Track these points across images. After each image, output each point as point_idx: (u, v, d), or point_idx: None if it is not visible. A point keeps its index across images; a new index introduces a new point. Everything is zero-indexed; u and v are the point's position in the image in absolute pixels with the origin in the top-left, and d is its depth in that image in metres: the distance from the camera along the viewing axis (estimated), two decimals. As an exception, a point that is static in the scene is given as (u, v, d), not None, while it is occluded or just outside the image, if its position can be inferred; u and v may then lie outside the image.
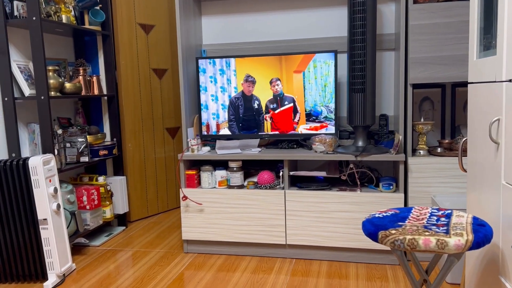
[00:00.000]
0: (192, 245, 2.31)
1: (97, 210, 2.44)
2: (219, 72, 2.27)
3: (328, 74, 2.18)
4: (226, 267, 2.10)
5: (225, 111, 2.30)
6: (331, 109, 2.19)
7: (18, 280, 2.00)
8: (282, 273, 2.01)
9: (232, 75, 2.26)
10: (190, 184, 2.25)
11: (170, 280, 1.98)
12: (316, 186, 2.12)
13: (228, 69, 2.26)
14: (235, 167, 2.19)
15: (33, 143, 2.23)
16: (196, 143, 2.26)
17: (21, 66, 2.18)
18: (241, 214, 2.18)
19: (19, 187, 1.93)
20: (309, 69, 2.19)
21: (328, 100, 2.19)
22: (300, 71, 2.21)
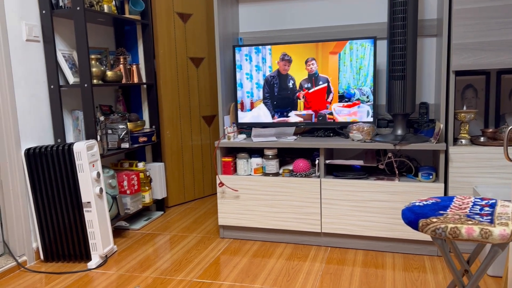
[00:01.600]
0: (228, 231, 2.35)
1: (137, 195, 2.52)
2: (254, 50, 2.28)
3: (364, 56, 2.15)
4: (262, 253, 2.13)
5: (259, 90, 2.31)
6: (364, 92, 2.17)
7: (64, 260, 2.11)
8: (317, 261, 2.02)
9: (268, 54, 2.27)
10: (226, 171, 2.29)
11: (207, 264, 2.03)
12: (353, 175, 2.10)
13: (263, 48, 2.27)
14: (271, 155, 2.20)
15: (77, 129, 2.32)
16: (232, 130, 2.29)
17: (65, 55, 2.27)
18: (276, 201, 2.19)
19: (64, 171, 2.01)
20: (345, 51, 2.17)
21: (361, 83, 2.16)
22: (336, 52, 2.18)
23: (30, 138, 2.10)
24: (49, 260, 2.12)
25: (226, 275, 1.90)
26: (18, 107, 2.03)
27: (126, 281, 1.88)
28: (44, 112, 2.18)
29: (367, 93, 2.16)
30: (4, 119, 1.97)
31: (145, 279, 1.89)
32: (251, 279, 1.85)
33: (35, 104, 2.13)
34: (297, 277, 1.86)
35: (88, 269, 2.01)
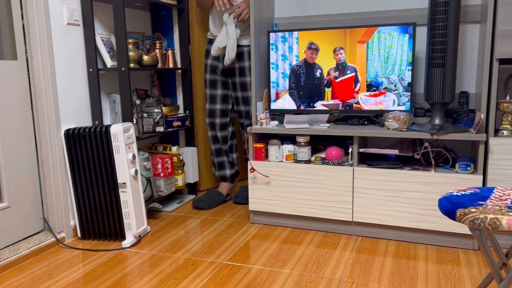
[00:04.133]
0: (258, 216, 2.36)
1: (170, 178, 2.57)
2: (280, 39, 2.26)
3: (392, 45, 2.10)
4: (291, 240, 2.13)
5: (285, 80, 2.29)
6: (392, 81, 2.12)
7: (100, 238, 2.18)
8: (348, 250, 2.00)
9: (294, 43, 2.24)
10: (257, 157, 2.29)
11: (237, 248, 2.05)
12: (387, 164, 2.06)
13: (290, 37, 2.24)
14: (303, 142, 2.19)
15: (114, 112, 2.37)
16: (265, 117, 2.29)
17: (104, 39, 2.32)
18: (307, 188, 2.19)
19: (101, 152, 2.07)
20: (373, 40, 2.12)
21: (389, 71, 2.11)
22: (364, 41, 2.14)
23: (69, 119, 2.17)
24: (86, 238, 2.20)
25: (255, 259, 1.92)
26: (58, 90, 2.10)
27: (158, 261, 1.93)
28: (82, 94, 2.24)
29: (395, 81, 2.11)
30: (46, 101, 2.04)
31: (177, 260, 1.93)
32: (280, 265, 1.86)
33: (74, 86, 2.19)
34: (327, 264, 1.86)
35: (123, 247, 2.08)
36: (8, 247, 1.98)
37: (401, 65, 2.11)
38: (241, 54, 2.48)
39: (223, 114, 2.65)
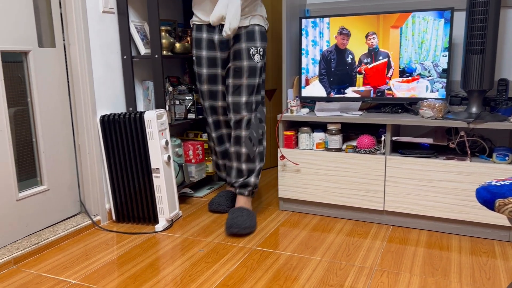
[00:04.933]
0: (288, 203, 2.37)
1: (201, 164, 2.61)
2: (311, 24, 2.23)
3: (426, 31, 2.04)
4: (321, 227, 2.14)
5: (315, 66, 2.27)
6: (426, 67, 2.06)
7: (134, 221, 2.24)
8: (378, 239, 1.99)
9: (325, 28, 2.21)
10: (287, 144, 2.29)
11: (267, 234, 2.07)
12: (421, 153, 2.03)
13: (321, 22, 2.21)
14: (334, 130, 2.17)
15: (147, 99, 2.42)
16: (295, 104, 2.28)
17: (137, 26, 2.35)
18: (338, 177, 2.17)
19: (135, 138, 2.12)
20: (407, 25, 2.07)
21: (423, 57, 2.06)
22: (398, 26, 2.09)
23: (105, 105, 2.22)
24: (120, 221, 2.26)
25: (285, 246, 1.93)
26: (94, 76, 2.15)
27: (190, 245, 1.97)
28: (117, 81, 2.29)
29: (429, 67, 2.06)
30: (82, 87, 2.10)
31: (208, 244, 1.97)
32: (310, 251, 1.87)
33: (109, 73, 2.24)
34: (357, 252, 1.85)
35: (156, 231, 2.13)
36: (48, 228, 2.07)
37: (436, 51, 2.05)
38: (238, 36, 2.12)
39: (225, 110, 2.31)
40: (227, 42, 2.15)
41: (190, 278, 1.67)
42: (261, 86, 2.20)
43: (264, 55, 2.16)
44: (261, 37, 2.13)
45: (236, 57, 2.11)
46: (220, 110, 2.29)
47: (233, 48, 2.13)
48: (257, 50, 2.11)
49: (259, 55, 2.12)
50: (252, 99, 2.14)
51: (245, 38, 2.11)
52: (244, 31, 2.11)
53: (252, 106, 2.14)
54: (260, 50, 2.12)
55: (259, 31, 2.13)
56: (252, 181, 2.21)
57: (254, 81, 2.13)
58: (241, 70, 2.11)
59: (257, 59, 2.11)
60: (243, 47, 2.10)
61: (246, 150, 2.15)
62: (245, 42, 2.11)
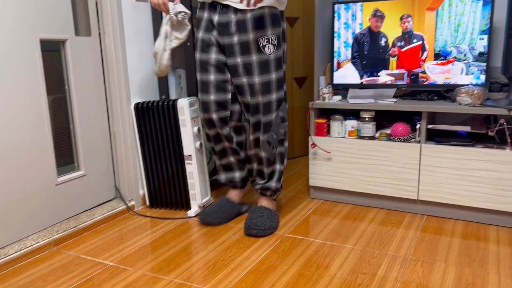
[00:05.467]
0: (318, 192, 2.36)
1: (231, 152, 2.63)
2: (343, 6, 2.19)
3: (463, 13, 1.96)
4: (353, 216, 2.12)
5: (347, 49, 2.23)
6: (462, 50, 1.99)
7: (167, 207, 2.29)
8: (412, 228, 1.96)
9: (358, 10, 2.16)
10: (319, 132, 2.27)
11: (298, 221, 2.07)
12: (458, 142, 1.97)
13: (354, 4, 2.17)
14: (367, 118, 2.14)
15: (179, 86, 2.44)
16: (327, 91, 2.25)
17: (170, 15, 2.37)
18: (370, 165, 2.14)
19: (169, 125, 2.15)
20: (443, 7, 2.00)
21: (459, 40, 1.99)
22: (434, 8, 2.02)
23: (138, 93, 2.26)
24: (154, 206, 2.31)
25: (317, 233, 1.93)
26: (128, 64, 2.19)
27: (222, 230, 1.99)
28: (150, 69, 2.32)
29: (465, 51, 1.99)
30: (117, 75, 2.14)
31: (240, 230, 1.99)
32: (342, 239, 1.86)
33: (143, 61, 2.27)
34: (390, 242, 1.83)
35: (188, 217, 2.17)
36: (85, 212, 2.14)
37: (473, 34, 1.98)
38: (243, 23, 1.78)
39: (221, 107, 1.95)
40: (228, 26, 1.82)
41: (223, 263, 1.69)
42: (282, 80, 1.91)
43: (280, 42, 1.85)
44: (273, 22, 1.80)
45: (244, 50, 1.80)
46: (212, 106, 1.93)
47: (239, 38, 1.80)
48: (269, 40, 1.80)
49: (272, 45, 1.80)
50: (271, 98, 1.87)
51: (252, 26, 1.77)
52: (250, 16, 1.76)
53: (272, 106, 1.88)
54: (273, 38, 1.81)
55: (269, 14, 1.78)
56: (273, 186, 2.02)
57: (269, 77, 1.83)
58: (251, 67, 1.81)
59: (268, 51, 1.80)
60: (250, 38, 1.78)
61: (266, 154, 1.95)
62: (252, 32, 1.78)
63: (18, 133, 1.79)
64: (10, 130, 1.76)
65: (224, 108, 1.95)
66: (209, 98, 1.93)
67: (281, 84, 1.90)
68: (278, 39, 1.83)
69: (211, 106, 1.93)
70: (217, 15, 1.84)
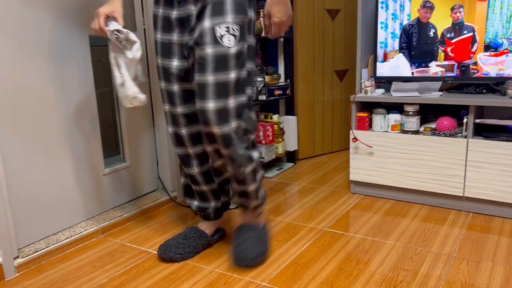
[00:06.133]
0: (359, 187, 2.33)
1: (271, 145, 2.64)
2: None
3: None
4: (394, 212, 2.08)
5: (394, 40, 2.17)
6: None
7: (207, 198, 2.33)
8: (457, 226, 1.90)
9: (407, 1, 2.10)
10: (360, 126, 2.24)
11: (337, 216, 2.06)
12: (507, 137, 1.88)
13: None
14: (411, 111, 2.08)
15: (220, 80, 2.47)
16: (370, 84, 2.21)
17: (212, 9, 2.40)
18: (414, 160, 2.09)
19: (210, 118, 2.19)
20: None
21: (511, 32, 1.89)
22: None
23: (181, 87, 2.31)
24: (195, 198, 2.36)
25: (357, 229, 1.91)
26: (171, 59, 2.23)
27: (261, 223, 2.01)
28: (192, 63, 2.36)
29: None
30: (161, 69, 2.19)
31: (279, 223, 2.00)
32: (383, 235, 1.83)
33: (185, 56, 2.31)
34: (434, 239, 1.78)
35: (229, 208, 2.20)
36: (130, 202, 2.22)
37: (527, 26, 1.88)
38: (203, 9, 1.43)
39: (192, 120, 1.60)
40: (189, 21, 1.47)
41: (262, 255, 1.71)
42: (245, 82, 1.47)
43: (245, 34, 1.45)
44: (236, 8, 1.42)
45: (198, 42, 1.42)
46: (181, 119, 1.59)
47: (197, 29, 1.44)
48: (228, 29, 1.40)
49: (232, 36, 1.41)
50: (227, 104, 1.43)
51: (209, 12, 1.41)
52: (210, 1, 1.42)
53: (228, 114, 1.43)
54: (235, 28, 1.41)
55: None
56: (251, 204, 1.66)
57: (226, 77, 1.41)
58: (205, 62, 1.41)
59: (228, 43, 1.40)
60: (205, 26, 1.40)
61: (231, 174, 1.57)
62: (209, 18, 1.40)
63: (70, 125, 1.88)
64: (63, 122, 1.84)
65: (195, 122, 1.59)
66: (176, 110, 1.57)
67: (242, 87, 1.46)
68: (242, 29, 1.43)
69: (179, 119, 1.58)
70: (175, 10, 1.48)
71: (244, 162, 1.51)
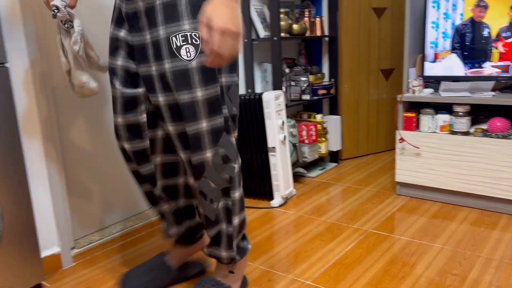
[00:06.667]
0: (405, 188, 2.29)
1: (314, 145, 2.64)
2: None
3: None
4: (442, 215, 2.03)
5: (445, 40, 2.11)
6: None
7: (251, 196, 2.37)
8: (509, 231, 1.82)
9: (460, 0, 2.03)
10: (407, 127, 2.20)
11: (382, 218, 2.03)
12: None
13: None
14: (462, 112, 2.02)
15: (265, 80, 2.50)
16: (418, 84, 2.16)
17: (257, 10, 2.43)
18: (463, 162, 2.03)
19: (254, 117, 2.22)
20: None
21: None
22: None
23: (227, 87, 2.36)
24: (238, 196, 2.41)
25: (403, 231, 1.88)
26: (218, 59, 2.29)
27: (304, 222, 2.02)
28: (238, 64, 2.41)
29: None
30: (208, 70, 2.25)
31: (322, 223, 2.00)
32: (430, 238, 1.79)
33: (231, 56, 2.36)
34: (484, 244, 1.73)
35: (271, 207, 2.23)
36: (177, 198, 2.29)
37: None
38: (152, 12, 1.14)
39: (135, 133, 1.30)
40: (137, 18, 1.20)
41: (306, 253, 1.72)
42: (217, 100, 1.17)
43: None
44: (194, 10, 1.12)
45: (157, 55, 1.16)
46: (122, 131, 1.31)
47: (151, 36, 1.17)
48: (187, 38, 1.12)
49: (193, 46, 1.12)
50: (199, 129, 1.16)
51: (162, 17, 1.13)
52: (159, 1, 1.13)
53: (201, 140, 1.17)
54: (195, 36, 1.12)
55: None
56: (223, 254, 1.32)
57: (191, 96, 1.14)
58: (166, 79, 1.15)
59: (187, 55, 1.12)
60: (160, 35, 1.14)
61: (202, 210, 1.27)
62: (162, 26, 1.13)
63: (121, 123, 1.97)
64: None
65: (138, 136, 1.29)
66: (117, 120, 1.30)
67: (216, 106, 1.17)
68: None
69: (120, 131, 1.31)
70: (124, 2, 1.22)
71: (218, 195, 1.23)
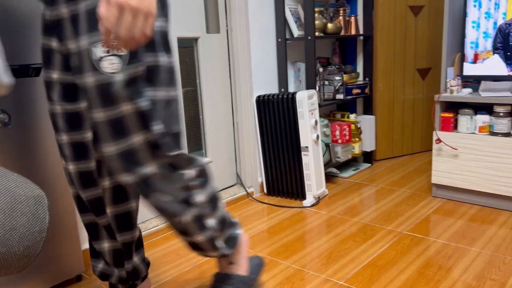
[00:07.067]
0: (441, 190, 2.24)
1: (347, 145, 2.62)
2: None
3: None
4: (480, 218, 1.97)
5: (486, 40, 2.04)
6: None
7: (283, 195, 2.38)
8: (553, 236, 1.75)
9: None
10: (445, 127, 2.14)
11: (417, 220, 2.00)
12: None
13: None
14: (502, 112, 1.96)
15: (298, 80, 2.50)
16: (456, 83, 2.11)
17: (292, 9, 2.43)
18: (504, 164, 1.96)
19: (287, 117, 2.23)
20: None
21: None
22: None
23: (260, 86, 2.38)
24: (271, 194, 2.42)
25: (439, 234, 1.84)
26: (252, 59, 2.31)
27: (336, 222, 2.01)
28: (271, 63, 2.42)
29: None
30: (242, 70, 2.28)
31: (355, 224, 1.99)
32: (467, 242, 1.75)
33: (264, 56, 2.38)
34: (526, 249, 1.67)
35: (303, 206, 2.23)
36: (210, 196, 2.33)
37: None
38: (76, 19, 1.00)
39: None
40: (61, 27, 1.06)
41: (338, 254, 1.72)
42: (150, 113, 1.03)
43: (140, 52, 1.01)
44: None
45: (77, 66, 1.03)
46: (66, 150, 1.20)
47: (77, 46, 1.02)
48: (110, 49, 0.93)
49: (117, 57, 1.00)
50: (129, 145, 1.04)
51: (85, 24, 0.99)
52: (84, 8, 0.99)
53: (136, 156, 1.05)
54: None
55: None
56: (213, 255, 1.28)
57: (118, 111, 1.02)
58: (89, 94, 1.03)
59: (110, 68, 1.00)
60: (81, 45, 1.00)
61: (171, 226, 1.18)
62: (85, 34, 0.99)
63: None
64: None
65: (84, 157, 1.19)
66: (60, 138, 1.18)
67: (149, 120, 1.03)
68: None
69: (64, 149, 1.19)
70: (48, 9, 1.09)
71: (180, 208, 1.12)
